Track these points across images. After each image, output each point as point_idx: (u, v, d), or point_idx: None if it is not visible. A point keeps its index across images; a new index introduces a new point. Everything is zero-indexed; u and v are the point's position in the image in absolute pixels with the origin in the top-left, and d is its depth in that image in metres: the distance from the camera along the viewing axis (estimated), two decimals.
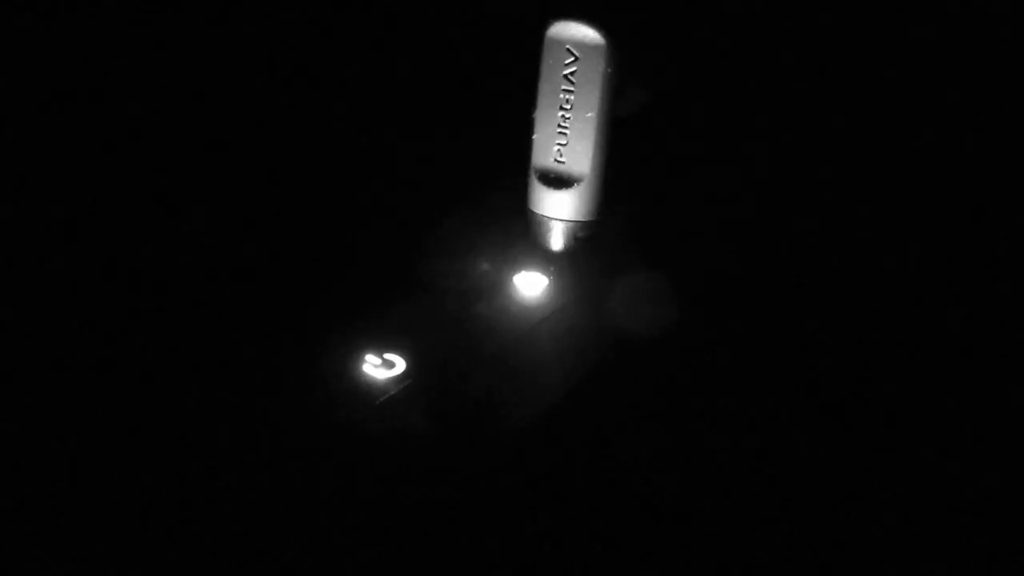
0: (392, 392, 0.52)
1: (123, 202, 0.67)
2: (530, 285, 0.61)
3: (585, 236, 0.62)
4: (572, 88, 0.59)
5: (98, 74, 0.69)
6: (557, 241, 0.63)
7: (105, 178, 0.67)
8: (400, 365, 0.53)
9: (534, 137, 0.62)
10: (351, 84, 0.73)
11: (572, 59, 0.59)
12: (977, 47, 0.65)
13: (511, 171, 0.63)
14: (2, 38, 0.67)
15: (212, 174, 0.69)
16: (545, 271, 0.62)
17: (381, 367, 0.53)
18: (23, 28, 0.68)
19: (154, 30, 0.70)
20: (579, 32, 0.58)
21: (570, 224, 0.62)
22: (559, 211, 0.62)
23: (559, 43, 0.59)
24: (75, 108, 0.68)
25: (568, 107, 0.60)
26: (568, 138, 0.60)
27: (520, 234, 0.64)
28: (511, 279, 0.61)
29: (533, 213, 0.63)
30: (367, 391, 0.52)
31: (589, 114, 0.59)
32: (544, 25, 0.59)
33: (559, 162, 0.61)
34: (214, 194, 0.68)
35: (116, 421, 0.51)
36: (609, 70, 0.58)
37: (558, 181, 0.61)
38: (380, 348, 0.54)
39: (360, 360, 0.53)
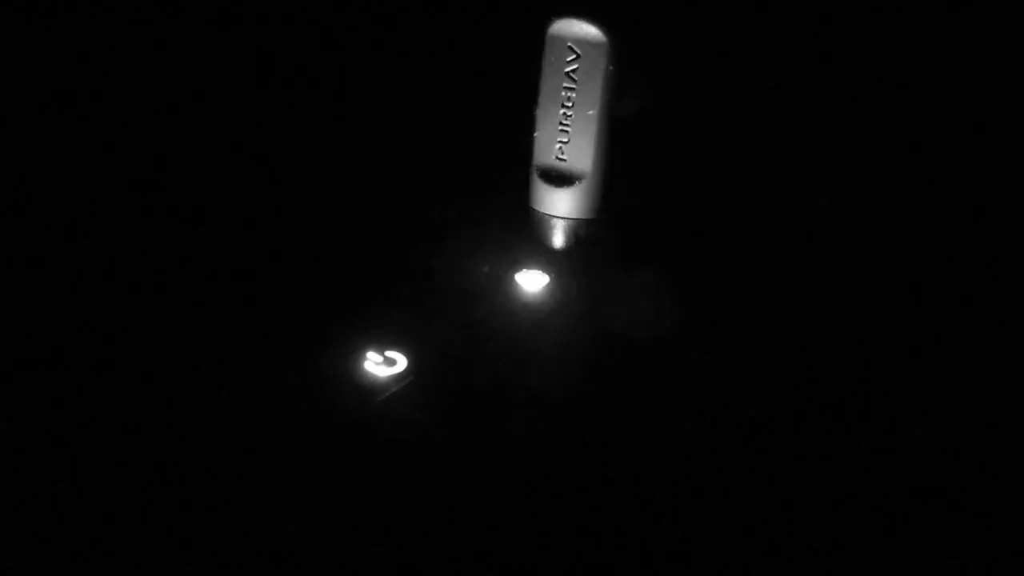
0: (393, 390, 0.52)
1: (123, 202, 0.67)
2: (531, 284, 0.61)
3: (586, 234, 0.62)
4: (574, 86, 0.59)
5: (98, 74, 0.69)
6: (558, 239, 0.63)
7: (105, 178, 0.67)
8: (401, 363, 0.53)
9: (535, 135, 0.61)
10: (351, 84, 0.73)
11: (574, 56, 0.59)
12: (977, 47, 0.65)
13: (512, 170, 0.63)
14: (2, 38, 0.67)
15: (212, 174, 0.69)
16: (546, 270, 0.62)
17: (382, 365, 0.53)
18: (23, 28, 0.68)
19: (154, 30, 0.70)
20: (581, 29, 0.58)
21: (571, 222, 0.62)
22: (560, 209, 0.62)
23: (561, 40, 0.59)
24: (75, 108, 0.68)
25: (570, 104, 0.60)
26: (570, 136, 0.60)
27: (521, 232, 0.64)
28: (512, 277, 0.61)
29: (534, 211, 0.63)
30: (368, 389, 0.52)
31: (591, 112, 0.59)
32: (545, 23, 0.59)
33: (560, 160, 0.61)
34: (214, 194, 0.68)
35: (116, 421, 0.51)
36: (611, 68, 0.58)
37: (559, 179, 0.61)
38: (381, 346, 0.54)
39: (361, 358, 0.53)
